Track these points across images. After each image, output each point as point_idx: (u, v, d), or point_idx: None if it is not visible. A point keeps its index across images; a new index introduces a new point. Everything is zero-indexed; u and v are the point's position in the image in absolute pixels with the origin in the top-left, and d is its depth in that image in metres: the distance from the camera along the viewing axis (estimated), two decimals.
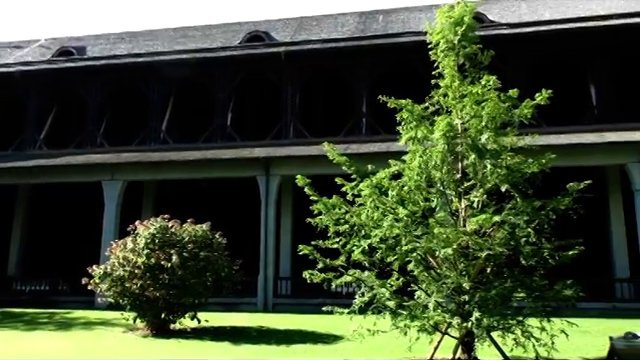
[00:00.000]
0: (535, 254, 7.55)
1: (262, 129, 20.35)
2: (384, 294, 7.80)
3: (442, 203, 8.44)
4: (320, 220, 8.46)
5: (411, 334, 7.66)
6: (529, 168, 7.92)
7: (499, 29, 19.02)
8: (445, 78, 8.45)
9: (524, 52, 18.46)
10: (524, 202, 7.57)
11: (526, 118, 8.01)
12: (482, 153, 7.65)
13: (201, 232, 12.03)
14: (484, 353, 7.83)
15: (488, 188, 7.87)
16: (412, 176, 8.15)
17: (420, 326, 7.63)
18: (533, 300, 7.58)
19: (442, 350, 7.89)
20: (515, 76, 16.60)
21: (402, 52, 18.78)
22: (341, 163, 8.75)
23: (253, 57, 20.64)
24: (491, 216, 7.28)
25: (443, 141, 7.81)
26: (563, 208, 7.77)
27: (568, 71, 18.79)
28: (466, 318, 7.10)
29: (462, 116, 8.13)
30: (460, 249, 7.58)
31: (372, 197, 7.92)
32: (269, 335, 11.37)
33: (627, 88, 18.35)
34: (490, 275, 7.88)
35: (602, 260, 16.94)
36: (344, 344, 9.86)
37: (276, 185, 17.92)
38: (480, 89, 7.91)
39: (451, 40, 8.36)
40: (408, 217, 7.97)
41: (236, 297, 15.47)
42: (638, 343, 7.15)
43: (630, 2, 20.14)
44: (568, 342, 7.46)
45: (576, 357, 8.44)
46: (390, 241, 7.87)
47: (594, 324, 11.22)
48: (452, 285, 7.47)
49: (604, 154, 16.33)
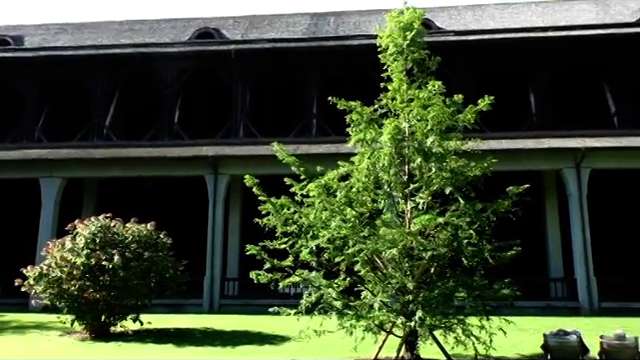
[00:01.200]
0: (476, 255, 7.81)
1: (211, 128, 20.04)
2: (331, 294, 7.85)
3: (389, 204, 8.58)
4: (268, 220, 8.43)
5: (357, 334, 7.74)
6: (472, 171, 8.19)
7: (446, 36, 19.58)
8: (394, 82, 8.62)
9: (469, 59, 19.09)
10: (467, 204, 7.81)
11: (469, 123, 8.29)
12: (428, 156, 7.85)
13: (145, 232, 11.70)
14: (426, 351, 8.03)
15: (433, 190, 8.08)
16: (360, 177, 8.26)
17: (366, 326, 7.73)
18: (473, 299, 7.84)
19: (386, 349, 8.03)
20: (461, 82, 17.13)
21: (353, 54, 19.00)
22: (290, 163, 8.74)
23: (203, 54, 20.31)
24: (435, 217, 7.48)
25: (391, 144, 7.95)
26: (503, 210, 8.08)
27: (510, 79, 19.58)
28: (410, 317, 7.26)
29: (409, 119, 8.31)
30: (405, 250, 7.74)
31: (320, 198, 7.96)
32: (214, 336, 11.20)
33: (563, 97, 19.34)
34: (434, 275, 8.09)
35: (538, 261, 17.75)
36: (291, 345, 9.85)
37: (224, 184, 17.70)
38: (427, 94, 8.12)
39: (400, 45, 8.53)
40: (356, 218, 8.07)
41: (181, 298, 15.13)
42: (568, 339, 7.54)
43: (566, 15, 21.25)
44: (505, 339, 7.75)
45: (512, 354, 8.79)
46: (338, 242, 7.94)
47: (530, 322, 11.72)
48: (397, 285, 7.62)
49: (542, 159, 17.11)
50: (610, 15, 21.21)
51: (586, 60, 19.40)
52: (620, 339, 7.36)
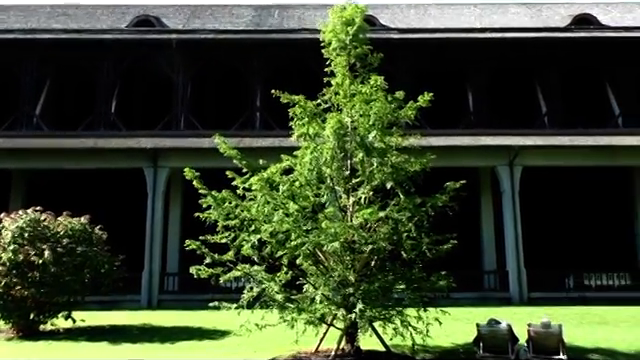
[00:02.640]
0: (415, 248, 8.03)
1: (151, 119, 19.42)
2: (273, 288, 7.83)
3: (331, 199, 8.65)
4: (209, 214, 8.29)
5: (298, 327, 7.77)
6: (412, 167, 8.39)
7: (389, 33, 19.92)
8: (337, 77, 8.68)
9: (411, 57, 19.52)
10: (407, 199, 8.00)
11: (410, 119, 8.48)
12: (369, 151, 7.96)
13: (79, 226, 11.21)
14: (366, 343, 8.18)
15: (374, 185, 8.20)
16: (303, 172, 8.26)
17: (307, 319, 7.77)
18: (412, 291, 8.06)
19: (327, 341, 8.11)
20: (403, 79, 17.47)
21: (297, 48, 18.95)
22: (232, 157, 8.63)
23: (142, 42, 19.63)
24: (376, 211, 7.61)
25: (333, 138, 8.00)
26: (441, 205, 8.33)
27: (450, 78, 20.18)
28: (351, 310, 7.36)
29: (352, 114, 8.39)
30: (347, 243, 7.83)
31: (263, 192, 7.91)
32: (153, 333, 10.90)
33: (499, 97, 20.15)
34: (374, 268, 8.23)
35: (473, 254, 18.47)
36: (231, 339, 9.75)
37: (164, 177, 17.23)
38: (369, 89, 8.23)
39: (343, 40, 8.59)
40: (298, 212, 8.08)
41: (118, 294, 14.60)
42: (499, 328, 7.90)
43: (502, 18, 22.13)
44: (441, 329, 8.02)
45: (448, 343, 9.12)
46: (280, 236, 7.92)
47: (465, 312, 12.18)
48: (338, 278, 7.71)
49: (478, 157, 17.79)
50: (542, 19, 22.30)
51: (520, 62, 20.30)
52: (546, 327, 7.79)
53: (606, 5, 23.76)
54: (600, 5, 23.64)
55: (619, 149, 17.77)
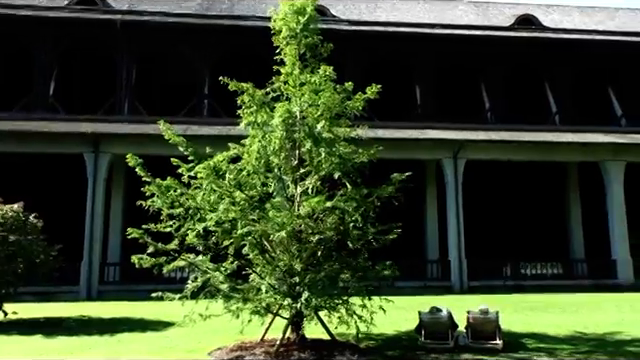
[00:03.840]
0: (361, 238, 8.11)
1: (93, 103, 18.67)
2: (218, 278, 7.72)
3: (279, 188, 8.60)
4: (153, 203, 8.05)
5: (244, 317, 7.71)
6: (359, 158, 8.45)
7: (340, 25, 19.97)
8: (287, 65, 8.59)
9: (362, 49, 19.67)
10: (353, 189, 8.07)
11: (358, 110, 8.52)
12: (318, 141, 7.95)
13: (12, 213, 10.65)
14: (311, 331, 8.23)
15: (322, 175, 8.22)
16: (251, 160, 8.17)
17: (253, 308, 7.72)
18: (357, 280, 8.16)
19: (273, 331, 8.10)
20: (353, 71, 17.61)
21: (247, 35, 18.70)
22: (178, 144, 8.41)
23: (85, 22, 18.81)
24: (323, 201, 7.63)
25: (282, 127, 7.94)
26: (387, 196, 8.45)
27: (399, 71, 20.52)
28: (296, 299, 7.37)
29: (301, 104, 8.34)
30: (294, 233, 7.82)
31: (209, 180, 7.75)
32: (91, 325, 10.55)
33: (446, 91, 20.68)
34: (320, 258, 8.27)
35: (417, 244, 18.98)
36: (175, 330, 9.57)
37: (106, 164, 16.64)
38: (318, 79, 8.20)
39: (294, 29, 8.52)
40: (245, 201, 7.98)
41: (54, 286, 14.04)
42: (440, 316, 8.15)
43: (451, 15, 22.63)
44: (385, 317, 8.17)
45: (392, 330, 9.33)
46: (226, 225, 7.80)
47: (408, 300, 12.50)
48: (285, 268, 7.69)
49: (424, 149, 18.22)
50: (488, 18, 22.99)
51: (466, 58, 20.89)
52: (484, 313, 8.10)
53: (547, 7, 24.78)
54: (542, 7, 24.63)
55: (556, 145, 18.68)
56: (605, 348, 7.97)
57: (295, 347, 7.78)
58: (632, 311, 12.30)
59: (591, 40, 21.25)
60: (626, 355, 7.45)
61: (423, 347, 7.86)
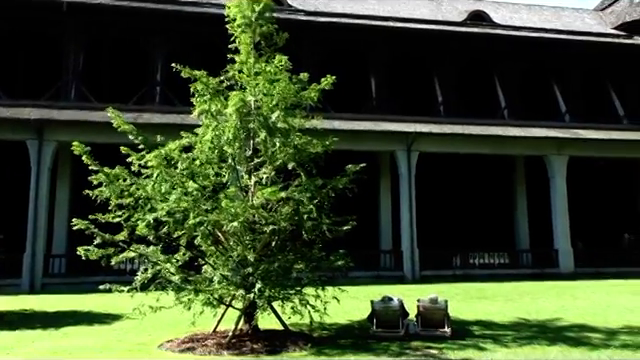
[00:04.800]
0: (315, 228, 8.14)
1: (38, 88, 17.86)
2: (169, 269, 7.57)
3: (233, 178, 8.51)
4: (101, 192, 7.79)
5: (195, 308, 7.61)
6: (314, 148, 8.46)
7: (297, 14, 19.86)
8: (241, 54, 8.49)
9: (318, 40, 19.64)
10: (308, 180, 8.07)
11: (313, 101, 8.52)
12: (272, 131, 7.90)
13: None
14: (264, 322, 8.22)
15: (277, 165, 8.19)
16: (204, 150, 8.04)
17: (205, 300, 7.63)
18: (311, 270, 8.20)
19: (225, 322, 8.04)
20: (309, 62, 17.56)
21: (202, 22, 18.32)
22: (127, 132, 8.15)
23: (27, 3, 17.85)
24: (277, 191, 7.59)
25: (236, 117, 7.83)
26: (341, 187, 8.51)
27: (355, 62, 20.62)
28: (250, 290, 7.33)
29: (255, 93, 8.25)
30: (248, 223, 7.76)
31: (160, 169, 7.57)
32: (34, 318, 10.14)
33: (400, 84, 20.97)
34: (274, 248, 8.25)
35: (371, 234, 19.24)
36: (124, 323, 9.34)
37: (51, 152, 15.97)
38: (273, 68, 8.14)
39: (248, 17, 8.41)
40: (198, 191, 7.85)
41: None
42: (391, 305, 8.31)
43: (405, 8, 22.89)
44: (339, 307, 8.27)
45: (345, 320, 9.44)
46: (178, 215, 7.64)
47: (362, 290, 12.68)
48: (238, 258, 7.63)
49: (378, 141, 18.43)
50: (442, 13, 23.42)
51: (420, 51, 21.23)
52: (433, 302, 8.31)
53: (498, 4, 25.47)
54: (492, 3, 25.29)
55: (504, 139, 19.31)
56: (546, 334, 8.35)
57: (248, 338, 7.75)
58: (571, 298, 12.94)
59: (538, 38, 22.03)
60: (565, 340, 7.83)
61: (375, 336, 8.00)
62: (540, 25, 23.44)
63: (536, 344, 7.54)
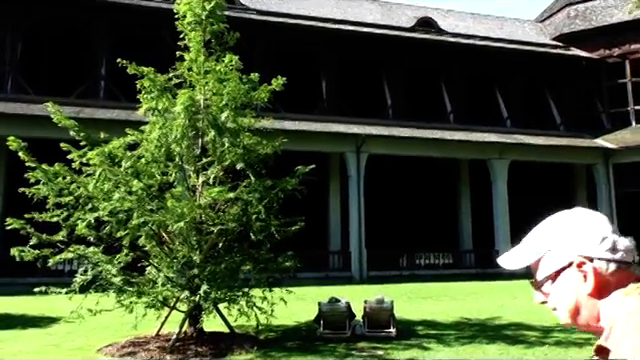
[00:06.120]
0: (264, 230, 8.08)
1: None
2: (110, 270, 7.31)
3: (180, 178, 8.33)
4: (38, 190, 7.43)
5: (138, 311, 7.39)
6: (264, 149, 8.41)
7: (249, 13, 19.67)
8: (191, 52, 8.32)
9: (270, 40, 19.53)
10: (257, 181, 8.00)
11: (263, 102, 8.47)
12: (221, 131, 7.79)
13: None
14: (210, 324, 8.09)
15: (225, 165, 8.07)
16: (150, 148, 7.83)
17: (148, 302, 7.42)
18: (258, 272, 8.14)
19: (169, 325, 7.85)
20: (261, 62, 17.44)
21: (150, 16, 17.81)
22: (68, 127, 7.82)
23: None
24: (225, 190, 7.49)
25: (184, 115, 7.66)
26: (291, 188, 8.49)
27: (307, 64, 20.65)
28: (195, 291, 7.19)
29: (205, 92, 8.12)
30: (194, 224, 7.61)
31: (103, 167, 7.30)
32: None
33: (351, 86, 21.18)
34: (221, 249, 8.14)
35: (320, 235, 19.33)
36: (61, 326, 8.94)
37: None
38: (223, 68, 8.03)
39: (199, 14, 8.25)
40: (143, 190, 7.62)
41: None
42: (338, 306, 8.37)
43: (357, 12, 23.16)
44: (286, 309, 8.24)
45: (291, 322, 9.43)
46: (121, 215, 7.40)
47: (310, 291, 12.70)
48: (183, 260, 7.47)
49: (328, 143, 18.55)
50: (392, 18, 23.84)
51: (370, 55, 21.52)
52: (379, 303, 8.44)
53: (445, 12, 26.19)
54: (440, 11, 25.98)
55: (450, 143, 19.88)
56: (486, 332, 8.65)
57: (192, 341, 7.60)
58: (510, 297, 13.48)
59: (483, 46, 22.82)
60: (503, 338, 8.14)
61: (321, 337, 8.03)
62: (485, 34, 24.29)
63: (477, 343, 7.79)
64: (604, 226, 1.10)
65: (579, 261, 1.08)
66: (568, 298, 1.10)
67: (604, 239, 1.07)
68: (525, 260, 1.16)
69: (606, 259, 1.06)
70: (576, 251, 1.09)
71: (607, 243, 1.07)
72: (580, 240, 1.09)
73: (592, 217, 1.12)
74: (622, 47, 23.26)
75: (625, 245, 1.08)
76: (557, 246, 1.11)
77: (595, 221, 1.11)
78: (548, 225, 1.16)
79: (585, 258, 1.08)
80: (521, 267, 1.16)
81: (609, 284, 1.07)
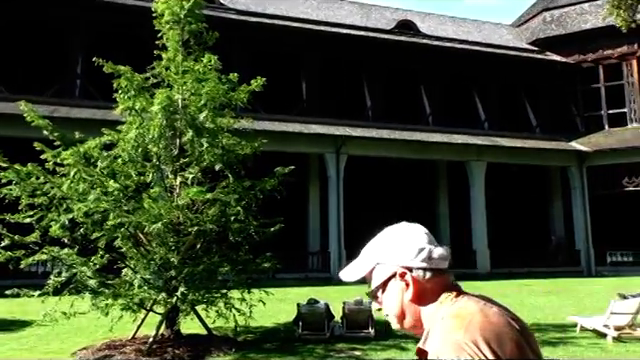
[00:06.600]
0: (243, 231, 8.04)
1: None
2: (85, 273, 7.18)
3: (158, 178, 8.23)
4: (10, 190, 7.25)
5: (114, 314, 7.27)
6: (243, 150, 8.36)
7: (228, 13, 19.57)
8: (169, 51, 8.24)
9: (249, 40, 19.45)
10: (236, 182, 7.96)
11: (242, 102, 8.42)
12: (200, 131, 7.73)
13: None
14: (188, 326, 8.01)
15: (204, 166, 8.00)
16: (127, 148, 7.72)
17: (124, 304, 7.30)
18: (237, 273, 8.08)
19: (146, 327, 7.75)
20: (241, 62, 17.35)
21: (128, 14, 17.56)
22: (41, 126, 7.66)
23: None
24: (203, 191, 7.42)
25: (162, 115, 7.58)
26: (270, 189, 8.46)
27: (286, 64, 20.62)
28: (172, 293, 7.11)
29: (183, 92, 8.04)
30: (172, 225, 7.53)
31: (77, 167, 7.16)
32: None
33: (330, 87, 21.20)
34: (199, 251, 8.06)
35: (300, 236, 19.30)
36: (34, 330, 8.72)
37: None
38: (202, 67, 7.96)
39: (177, 13, 8.17)
40: (119, 191, 7.50)
41: None
42: (317, 307, 8.37)
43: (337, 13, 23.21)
44: (265, 310, 8.21)
45: (270, 323, 9.39)
46: (96, 216, 7.27)
47: (289, 292, 12.68)
48: (160, 261, 7.38)
49: (308, 143, 18.55)
50: (371, 20, 23.97)
51: (350, 56, 21.59)
52: (358, 304, 8.46)
53: (425, 14, 26.45)
54: (420, 14, 26.22)
55: (429, 144, 20.06)
56: None
57: (170, 343, 7.51)
58: None
59: (462, 49, 23.09)
60: None
61: (300, 338, 8.01)
62: (463, 37, 24.58)
63: None
64: (421, 238, 1.24)
65: (401, 272, 1.22)
66: (395, 305, 1.24)
67: (420, 250, 1.22)
68: (359, 273, 1.30)
69: (423, 268, 1.21)
70: (398, 263, 1.23)
71: (423, 254, 1.21)
72: (401, 253, 1.23)
73: (412, 231, 1.27)
74: (596, 52, 23.80)
75: (439, 254, 1.23)
76: (383, 259, 1.26)
77: (414, 234, 1.26)
78: (377, 240, 1.32)
79: (405, 268, 1.22)
80: (357, 279, 1.31)
81: (427, 290, 1.22)
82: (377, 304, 1.31)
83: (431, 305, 1.21)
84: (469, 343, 1.07)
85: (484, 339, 1.08)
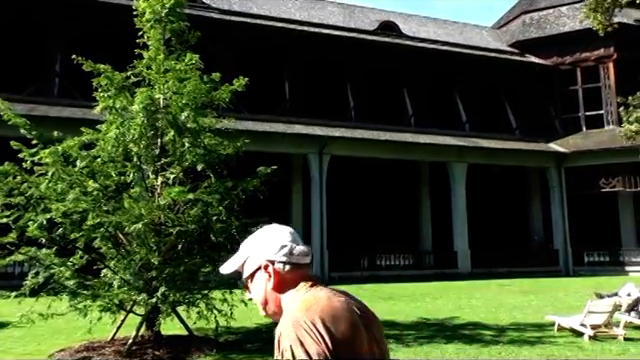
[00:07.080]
0: (225, 231, 7.99)
1: None
2: (64, 273, 7.07)
3: (138, 178, 8.15)
4: None
5: (93, 315, 7.18)
6: (225, 150, 8.33)
7: (210, 12, 19.46)
8: (150, 50, 8.16)
9: (232, 39, 19.37)
10: (218, 182, 7.92)
11: (225, 102, 8.38)
12: (182, 131, 7.68)
13: None
14: (168, 327, 7.94)
15: (185, 166, 7.95)
16: (107, 148, 7.63)
17: (103, 305, 7.22)
18: (219, 274, 8.03)
19: (125, 328, 7.67)
20: (223, 61, 17.25)
21: (108, 12, 17.34)
22: (19, 125, 7.53)
23: None
24: (184, 191, 7.37)
25: (143, 114, 7.51)
26: (252, 189, 8.43)
27: (269, 64, 20.57)
28: (152, 294, 7.05)
29: (164, 91, 7.97)
30: (153, 225, 7.46)
31: (56, 167, 7.06)
32: None
33: (314, 88, 21.21)
34: (181, 251, 8.00)
35: None
36: (10, 331, 8.58)
37: None
38: (184, 66, 7.91)
39: (158, 12, 8.10)
40: (99, 191, 7.41)
41: None
42: None
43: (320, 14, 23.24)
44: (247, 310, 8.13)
45: (252, 324, 9.36)
46: (75, 216, 7.17)
47: None
48: (141, 262, 7.30)
49: (291, 144, 18.54)
50: (354, 21, 24.05)
51: (333, 57, 21.63)
52: None
53: (407, 16, 26.62)
54: (402, 15, 26.39)
55: (411, 145, 20.20)
56: (444, 332, 8.83)
57: (150, 345, 7.45)
58: (468, 297, 13.81)
59: (443, 50, 23.30)
60: (461, 338, 8.32)
61: None
62: (445, 39, 24.80)
63: (435, 343, 7.94)
64: (285, 237, 1.44)
65: (265, 264, 1.42)
66: (260, 293, 1.44)
67: (283, 247, 1.42)
68: (233, 265, 1.48)
69: (283, 262, 1.41)
70: (263, 257, 1.42)
71: (285, 250, 1.41)
72: (266, 248, 1.43)
73: (278, 230, 1.47)
74: (573, 55, 24.22)
75: (300, 251, 1.43)
76: (252, 253, 1.45)
77: (279, 233, 1.46)
78: (250, 238, 1.49)
79: (269, 262, 1.42)
80: (232, 271, 1.48)
81: (287, 281, 1.41)
82: (248, 293, 1.48)
83: (289, 293, 1.40)
84: (307, 321, 1.26)
85: (320, 318, 1.27)
